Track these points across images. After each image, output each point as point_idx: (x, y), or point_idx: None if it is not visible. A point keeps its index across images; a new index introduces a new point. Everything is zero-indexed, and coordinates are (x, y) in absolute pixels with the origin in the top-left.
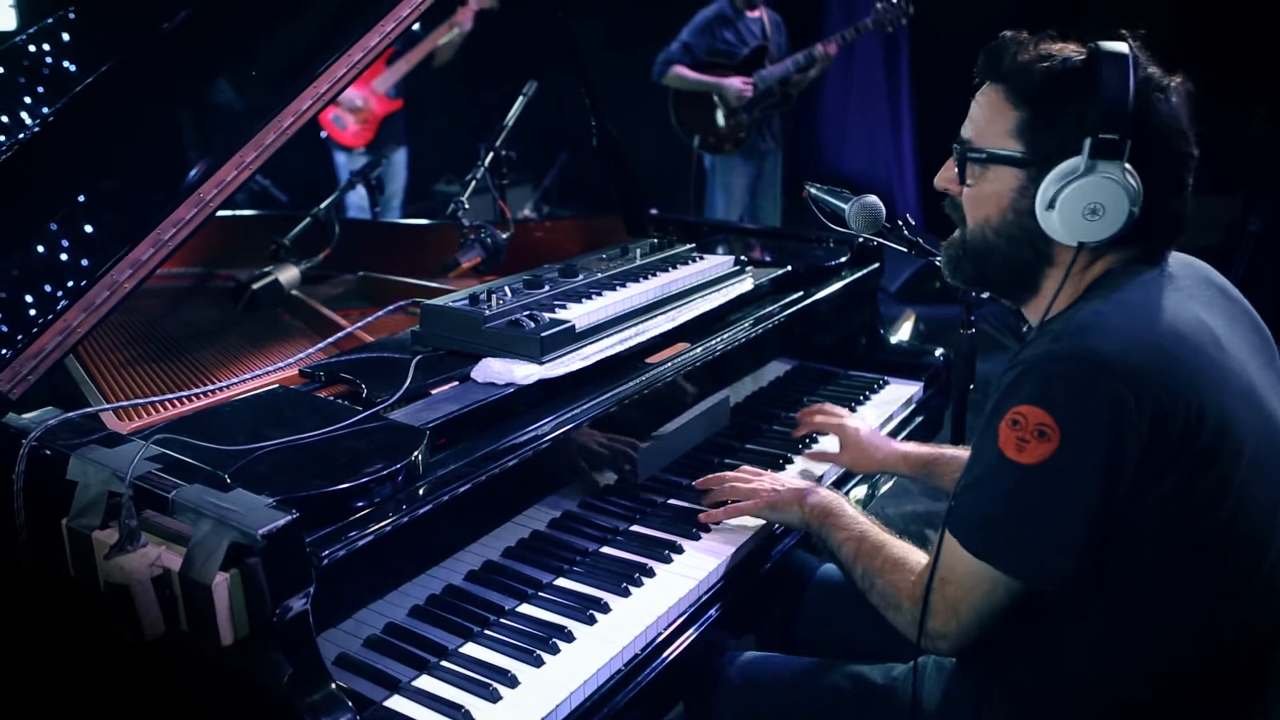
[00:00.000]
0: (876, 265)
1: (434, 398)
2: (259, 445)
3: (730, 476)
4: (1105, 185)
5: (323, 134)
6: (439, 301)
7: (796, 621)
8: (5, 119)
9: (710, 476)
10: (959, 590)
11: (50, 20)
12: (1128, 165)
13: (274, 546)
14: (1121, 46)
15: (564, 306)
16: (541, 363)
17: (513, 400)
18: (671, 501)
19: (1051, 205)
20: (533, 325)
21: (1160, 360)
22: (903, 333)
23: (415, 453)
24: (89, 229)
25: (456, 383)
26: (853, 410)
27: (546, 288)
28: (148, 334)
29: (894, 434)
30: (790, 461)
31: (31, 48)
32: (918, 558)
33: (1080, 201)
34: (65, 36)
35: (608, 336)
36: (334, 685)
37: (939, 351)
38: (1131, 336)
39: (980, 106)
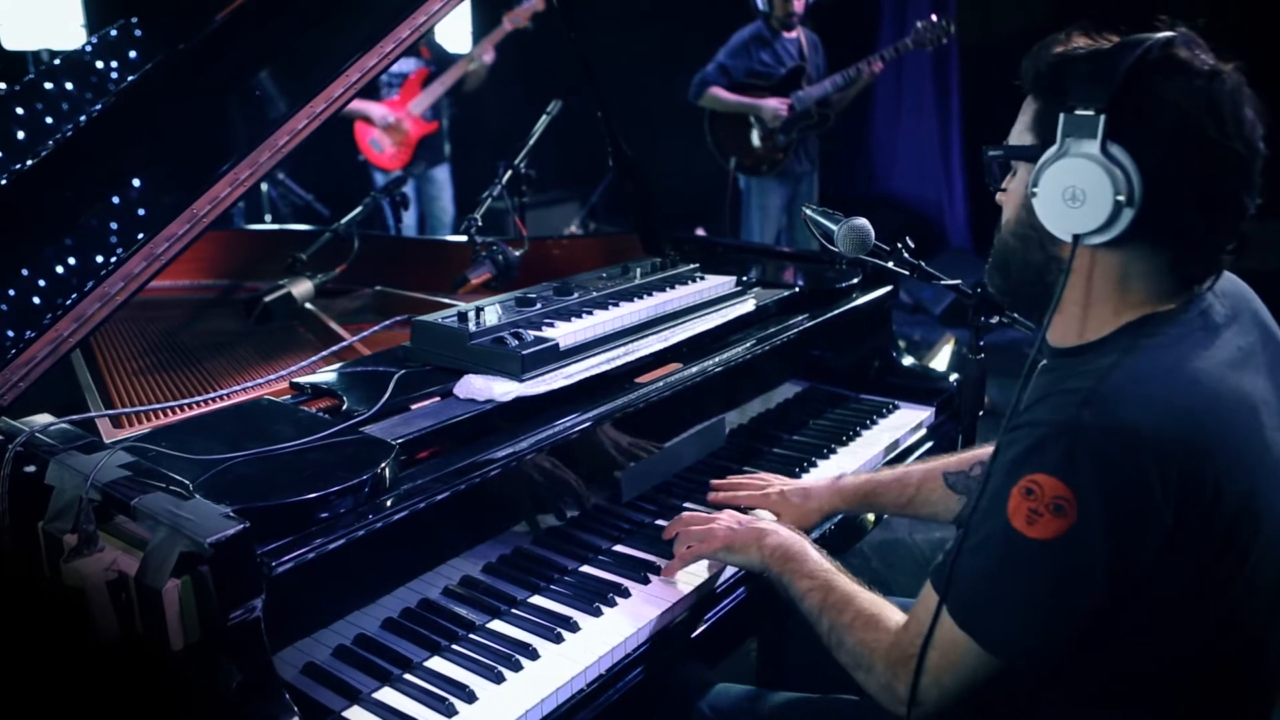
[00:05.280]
0: (890, 288)
1: (413, 413)
2: (230, 456)
3: (687, 518)
4: (1079, 165)
5: (360, 157)
6: (429, 317)
7: (786, 650)
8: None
9: (674, 521)
10: (943, 659)
11: (114, 34)
12: (1115, 146)
13: (222, 555)
14: (1159, 35)
15: (551, 325)
16: (522, 380)
17: (491, 417)
18: (659, 522)
19: (1035, 192)
20: (516, 343)
21: (1195, 436)
22: (941, 356)
23: (381, 466)
24: (83, 243)
25: (438, 398)
26: (856, 434)
27: (538, 305)
28: (165, 343)
29: (900, 459)
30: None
31: (99, 64)
32: (891, 615)
33: (1057, 184)
34: (133, 54)
35: (593, 356)
36: (283, 693)
37: (954, 376)
38: (1168, 409)
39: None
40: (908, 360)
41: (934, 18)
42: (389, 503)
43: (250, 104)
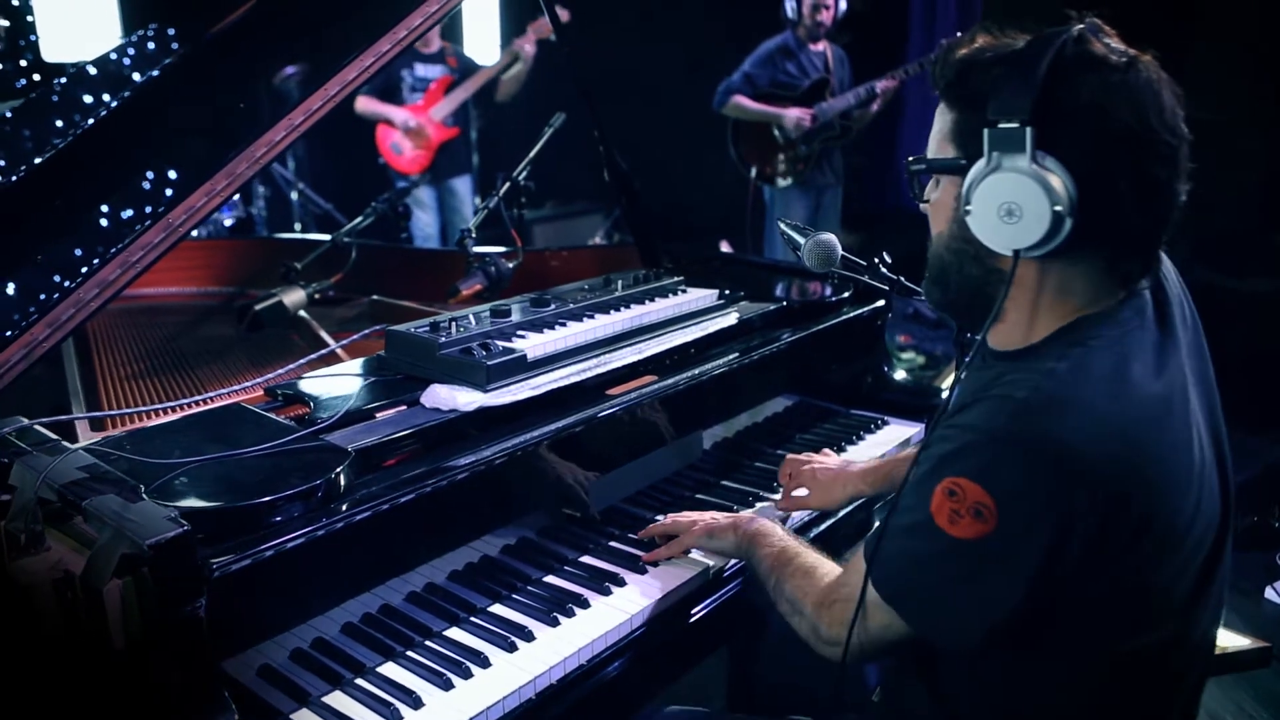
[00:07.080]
0: (880, 303)
1: (377, 421)
2: (187, 460)
3: (669, 520)
4: (1012, 180)
5: (380, 161)
6: (402, 327)
7: (758, 670)
8: None
9: (650, 527)
10: (871, 620)
11: (152, 45)
12: (1045, 157)
13: (161, 557)
14: (1068, 30)
15: (522, 336)
16: (486, 391)
17: (455, 426)
18: (628, 534)
19: (969, 210)
20: (483, 354)
21: (1130, 455)
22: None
23: (335, 472)
24: (60, 249)
25: (405, 407)
26: (841, 449)
27: (513, 316)
28: (164, 349)
29: None
30: (761, 499)
31: (136, 75)
32: (829, 569)
33: (991, 202)
34: (167, 62)
35: (563, 367)
36: (223, 692)
37: (946, 392)
38: (1104, 425)
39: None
40: (900, 375)
41: (959, 35)
42: (344, 508)
43: (229, 115)
